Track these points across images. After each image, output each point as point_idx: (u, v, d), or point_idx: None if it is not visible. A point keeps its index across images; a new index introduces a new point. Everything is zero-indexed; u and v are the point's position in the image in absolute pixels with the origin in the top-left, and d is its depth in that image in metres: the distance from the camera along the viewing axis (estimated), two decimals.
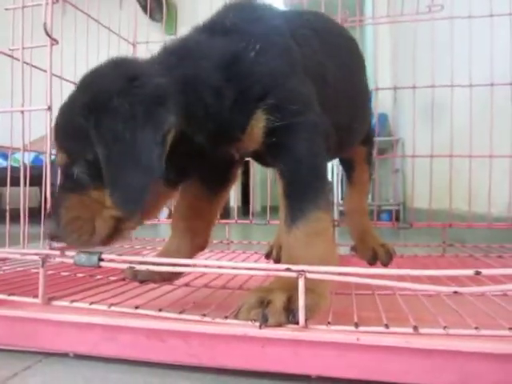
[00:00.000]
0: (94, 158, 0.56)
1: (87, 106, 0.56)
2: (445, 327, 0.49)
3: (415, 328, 0.49)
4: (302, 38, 0.68)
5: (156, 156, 0.53)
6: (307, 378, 0.51)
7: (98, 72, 0.60)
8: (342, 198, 2.93)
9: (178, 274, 0.78)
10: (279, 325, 0.51)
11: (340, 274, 0.51)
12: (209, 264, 0.54)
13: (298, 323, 0.51)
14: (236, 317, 0.54)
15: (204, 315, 0.55)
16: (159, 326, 0.55)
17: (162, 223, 1.31)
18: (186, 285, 0.76)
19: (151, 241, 1.27)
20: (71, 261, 0.58)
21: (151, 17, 2.74)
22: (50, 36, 0.61)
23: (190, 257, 0.79)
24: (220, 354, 0.53)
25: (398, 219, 3.67)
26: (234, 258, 1.08)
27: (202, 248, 0.81)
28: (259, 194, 4.81)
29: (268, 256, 1.05)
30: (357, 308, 0.60)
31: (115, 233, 0.60)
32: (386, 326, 0.50)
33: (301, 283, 0.51)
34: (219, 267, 0.55)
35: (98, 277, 0.79)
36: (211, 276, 0.83)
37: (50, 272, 0.79)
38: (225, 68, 0.60)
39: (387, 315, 0.54)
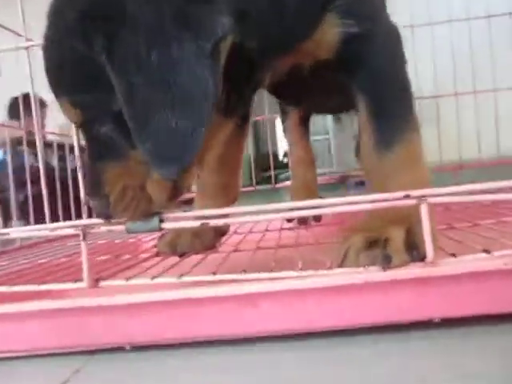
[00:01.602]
0: (119, 106, 0.40)
1: (89, 21, 0.39)
2: None
3: None
4: None
5: (206, 81, 0.38)
6: (427, 323, 0.43)
7: None
8: None
9: (220, 239, 0.67)
10: (405, 264, 0.43)
11: (463, 195, 0.43)
12: (323, 203, 0.44)
13: (422, 259, 0.43)
14: (342, 264, 0.45)
15: (302, 269, 0.45)
16: (250, 289, 0.44)
17: None
18: (235, 250, 0.65)
19: None
20: (122, 228, 0.46)
21: None
22: None
23: None
24: (327, 312, 0.43)
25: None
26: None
27: (234, 202, 0.70)
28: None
29: (290, 220, 0.96)
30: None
31: (175, 191, 0.47)
32: None
33: (424, 210, 0.42)
34: (333, 205, 0.44)
35: (127, 256, 0.66)
36: (253, 238, 0.73)
37: (63, 259, 0.66)
38: None
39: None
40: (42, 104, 1.86)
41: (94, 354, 0.47)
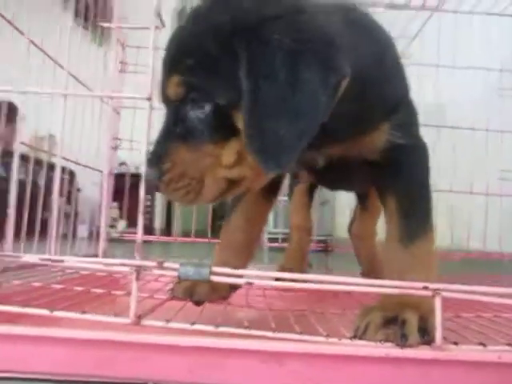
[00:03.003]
0: (226, 101, 0.47)
1: (241, 29, 0.46)
2: None
3: None
4: None
5: (322, 105, 0.45)
6: None
7: None
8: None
9: (234, 291, 0.72)
10: (417, 344, 0.50)
11: (478, 293, 0.51)
12: (339, 281, 0.50)
13: (430, 343, 0.50)
14: (362, 337, 0.51)
15: (328, 336, 0.51)
16: (278, 347, 0.49)
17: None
18: (249, 306, 0.70)
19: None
20: (174, 273, 0.50)
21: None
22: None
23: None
24: (349, 376, 0.49)
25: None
26: None
27: (252, 257, 0.76)
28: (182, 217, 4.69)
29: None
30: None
31: (224, 194, 0.53)
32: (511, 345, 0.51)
33: (438, 301, 0.50)
34: (347, 284, 0.51)
35: (119, 292, 0.68)
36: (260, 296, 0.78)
37: (59, 286, 0.67)
38: (376, 65, 0.57)
39: None
40: (14, 111, 1.75)
41: None
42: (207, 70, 0.49)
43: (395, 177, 0.61)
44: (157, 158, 0.51)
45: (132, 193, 1.04)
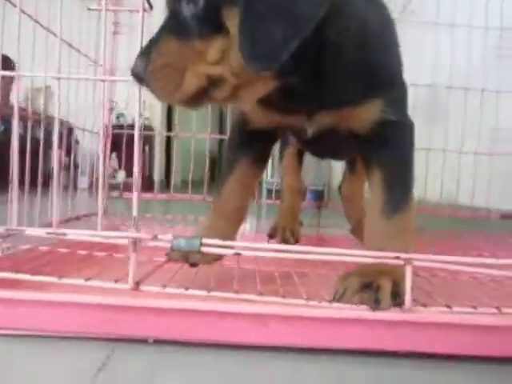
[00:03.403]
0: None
1: None
2: None
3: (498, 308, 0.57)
4: None
5: (313, 8, 0.48)
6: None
7: None
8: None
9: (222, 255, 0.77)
10: (389, 308, 0.55)
11: (445, 262, 0.56)
12: (326, 252, 0.55)
13: (400, 306, 0.56)
14: (339, 300, 0.56)
15: (308, 299, 0.56)
16: (263, 310, 0.55)
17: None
18: (239, 267, 0.75)
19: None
20: (167, 245, 0.55)
21: None
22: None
23: (234, 236, 0.78)
24: (326, 336, 0.55)
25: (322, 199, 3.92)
26: None
27: (242, 222, 0.81)
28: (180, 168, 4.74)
29: (271, 236, 1.07)
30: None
31: (202, 95, 0.55)
32: (475, 307, 0.57)
33: (409, 270, 0.55)
34: (328, 254, 0.56)
35: (119, 255, 0.73)
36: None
37: (64, 250, 0.73)
38: (373, 37, 0.60)
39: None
40: (10, 66, 1.72)
41: (120, 342, 0.56)
42: None
43: (381, 152, 0.64)
44: (146, 49, 0.54)
45: (130, 143, 1.07)
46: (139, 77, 0.54)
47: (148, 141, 4.34)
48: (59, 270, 0.59)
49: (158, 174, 4.15)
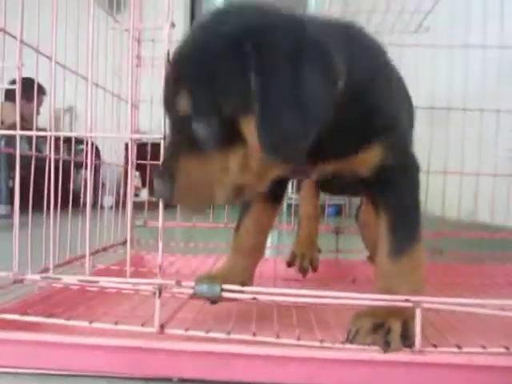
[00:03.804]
0: (232, 109, 0.51)
1: (247, 35, 0.50)
2: None
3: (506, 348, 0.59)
4: None
5: (325, 101, 0.51)
6: None
7: (243, 4, 0.56)
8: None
9: None
10: (399, 349, 0.58)
11: (454, 304, 0.58)
12: (339, 296, 0.58)
13: (411, 347, 0.58)
14: (352, 341, 0.59)
15: (322, 341, 0.59)
16: (279, 352, 0.58)
17: None
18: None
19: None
20: (190, 291, 0.59)
21: None
22: None
23: (253, 273, 0.82)
24: (340, 376, 0.58)
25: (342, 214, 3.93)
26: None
27: (260, 259, 0.84)
28: None
29: (290, 264, 1.10)
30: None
31: (232, 199, 0.58)
32: (484, 347, 0.59)
33: (418, 312, 0.58)
34: (339, 298, 0.60)
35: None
36: None
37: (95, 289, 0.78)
38: (366, 85, 0.61)
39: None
40: (41, 90, 1.81)
41: (148, 381, 0.60)
42: (212, 83, 0.52)
43: (384, 195, 0.67)
44: (166, 170, 0.56)
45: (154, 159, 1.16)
46: (167, 198, 0.56)
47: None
48: (91, 314, 0.64)
49: None
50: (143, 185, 3.43)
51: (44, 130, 0.87)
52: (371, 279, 1.03)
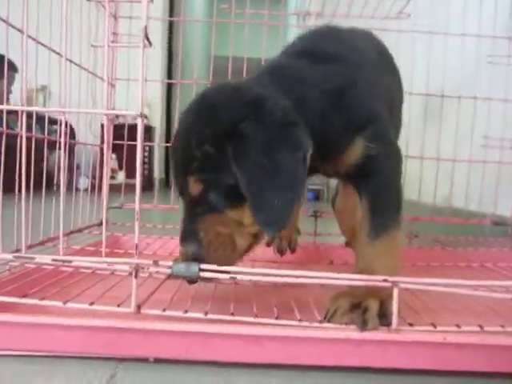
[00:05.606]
0: (234, 181, 0.59)
1: (219, 135, 0.59)
2: None
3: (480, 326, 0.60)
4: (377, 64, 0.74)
5: (299, 177, 0.57)
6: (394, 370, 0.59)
7: (215, 99, 0.63)
8: None
9: None
10: (376, 328, 0.59)
11: (430, 284, 0.59)
12: (318, 276, 0.59)
13: (388, 325, 0.59)
14: (330, 320, 0.60)
15: (300, 320, 0.59)
16: (256, 331, 0.58)
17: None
18: (236, 283, 0.79)
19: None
20: (167, 271, 0.58)
21: None
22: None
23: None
24: (317, 354, 0.59)
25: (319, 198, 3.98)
26: None
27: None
28: None
29: (268, 244, 1.10)
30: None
31: (251, 247, 0.66)
32: (458, 326, 0.60)
33: (395, 292, 0.59)
34: (318, 278, 0.60)
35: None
36: None
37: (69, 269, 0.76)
38: (331, 96, 0.66)
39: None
40: (12, 67, 1.69)
41: (127, 362, 0.59)
42: (213, 167, 0.61)
43: (367, 181, 0.68)
44: (190, 235, 0.62)
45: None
46: (201, 257, 0.61)
47: (147, 138, 4.37)
48: (65, 294, 0.62)
49: (158, 173, 4.17)
50: (120, 167, 3.36)
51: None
52: (348, 262, 1.05)
